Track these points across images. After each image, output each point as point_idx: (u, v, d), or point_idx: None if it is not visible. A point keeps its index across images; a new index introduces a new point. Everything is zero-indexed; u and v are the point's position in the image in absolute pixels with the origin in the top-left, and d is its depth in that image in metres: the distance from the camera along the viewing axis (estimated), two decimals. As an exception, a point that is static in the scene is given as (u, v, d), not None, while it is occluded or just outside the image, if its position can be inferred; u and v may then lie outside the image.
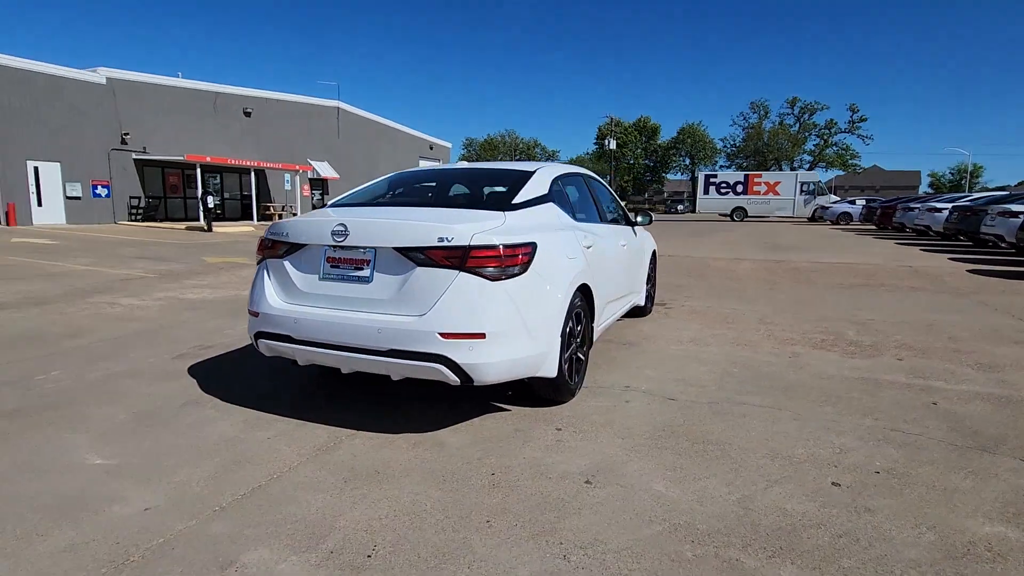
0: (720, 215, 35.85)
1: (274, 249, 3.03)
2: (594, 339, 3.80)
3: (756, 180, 35.17)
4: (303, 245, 2.91)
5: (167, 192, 23.78)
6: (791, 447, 2.79)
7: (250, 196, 25.29)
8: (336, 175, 31.04)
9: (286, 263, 2.98)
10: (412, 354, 2.62)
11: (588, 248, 3.60)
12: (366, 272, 2.76)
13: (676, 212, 50.39)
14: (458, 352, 2.58)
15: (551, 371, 3.03)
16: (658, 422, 3.08)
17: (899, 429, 3.02)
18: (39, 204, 19.47)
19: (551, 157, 71.93)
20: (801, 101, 58.40)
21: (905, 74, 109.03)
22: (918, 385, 3.75)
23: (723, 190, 35.47)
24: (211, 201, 19.11)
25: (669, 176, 70.40)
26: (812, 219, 32.82)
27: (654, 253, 6.02)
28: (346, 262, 2.81)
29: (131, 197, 22.16)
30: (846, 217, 29.92)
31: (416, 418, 3.10)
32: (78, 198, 20.49)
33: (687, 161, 64.90)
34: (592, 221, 4.15)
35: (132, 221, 21.93)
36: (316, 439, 2.82)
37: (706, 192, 35.90)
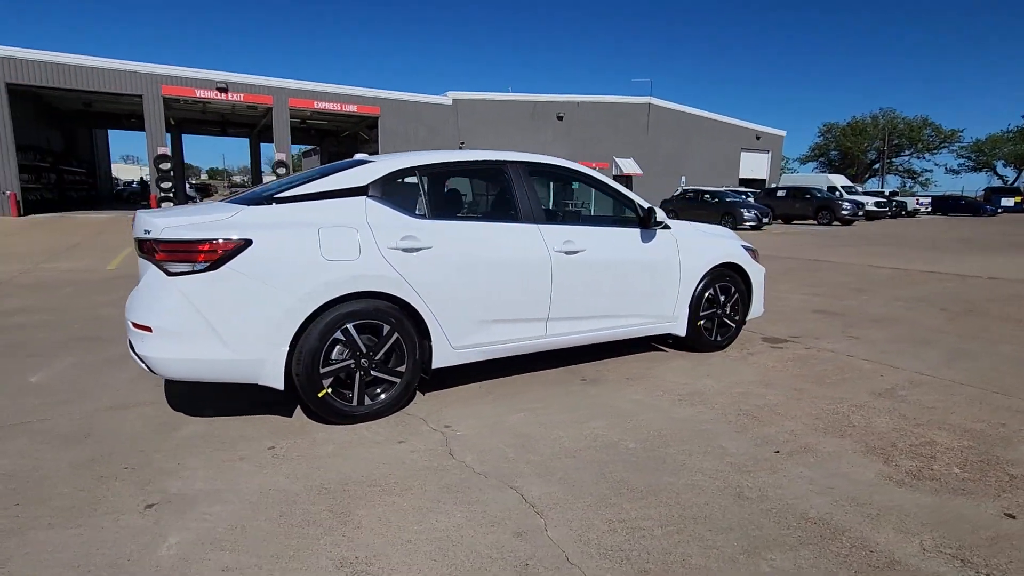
0: None
1: None
2: (435, 363, 3.15)
3: None
4: None
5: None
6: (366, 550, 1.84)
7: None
8: (639, 171, 31.31)
9: None
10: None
11: (411, 251, 3.00)
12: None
13: None
14: (135, 341, 2.64)
15: (275, 382, 2.73)
16: (359, 476, 2.43)
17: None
18: (401, 200, 25.98)
19: (946, 139, 55.32)
20: None
21: None
22: (920, 572, 1.84)
23: None
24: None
25: None
26: None
27: (725, 268, 4.35)
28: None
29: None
30: None
31: (229, 403, 3.24)
32: (426, 195, 26.46)
33: None
34: (486, 220, 3.40)
35: (460, 214, 27.08)
36: (130, 400, 3.29)
37: None
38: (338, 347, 2.88)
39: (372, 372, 2.97)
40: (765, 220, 20.36)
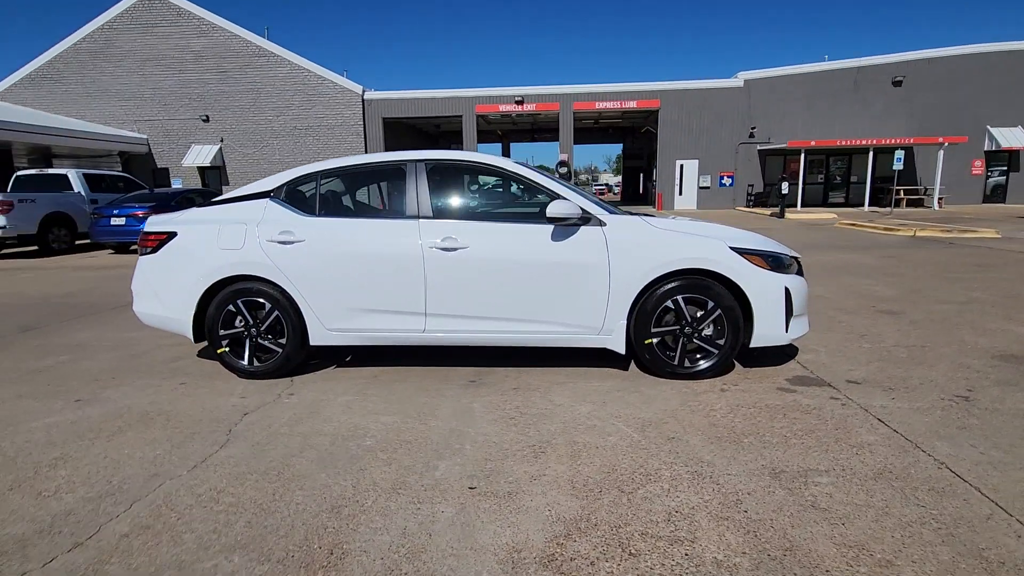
0: None
1: None
2: (311, 341, 3.65)
3: None
4: None
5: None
6: None
7: (890, 177, 22.55)
8: (1032, 143, 22.37)
9: None
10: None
11: (286, 244, 3.55)
12: None
13: None
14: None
15: (188, 336, 3.71)
16: (175, 410, 3.18)
17: None
18: (679, 193, 25.09)
19: None
20: None
21: None
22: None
23: None
24: (785, 187, 19.00)
25: None
26: None
27: (701, 276, 3.41)
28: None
29: (749, 185, 24.63)
30: None
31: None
32: (707, 188, 24.86)
33: None
34: (368, 216, 3.67)
35: (746, 207, 24.44)
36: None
37: None
38: (239, 317, 3.70)
39: (259, 340, 3.69)
40: None
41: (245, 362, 3.72)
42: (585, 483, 2.33)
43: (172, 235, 3.73)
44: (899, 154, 18.71)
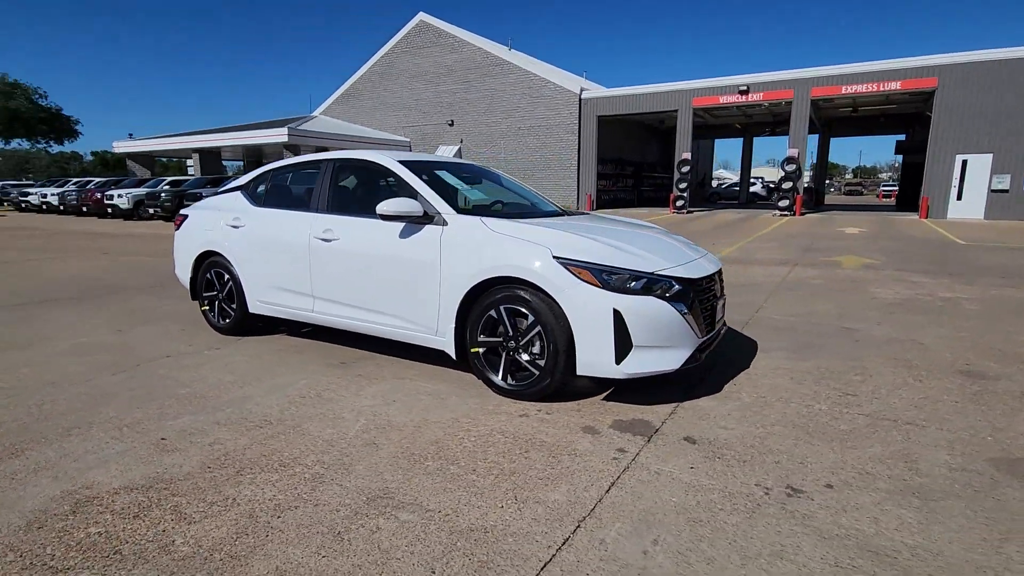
0: None
1: None
2: (249, 309, 4.40)
3: None
4: None
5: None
6: None
7: None
8: None
9: None
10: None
11: (235, 227, 4.36)
12: None
13: None
14: (177, 265, 5.28)
15: (188, 289, 4.84)
16: (123, 344, 4.27)
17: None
18: (958, 197, 19.40)
19: None
20: None
21: None
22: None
23: None
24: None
25: None
26: None
27: (522, 286, 3.08)
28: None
29: (1075, 189, 17.63)
30: None
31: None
32: (1003, 191, 18.67)
33: None
34: (294, 209, 4.17)
35: (1068, 218, 17.56)
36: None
37: None
38: (214, 284, 4.69)
39: (222, 304, 4.62)
40: None
41: (215, 320, 4.70)
42: (229, 458, 2.51)
43: (186, 217, 4.93)
44: None
